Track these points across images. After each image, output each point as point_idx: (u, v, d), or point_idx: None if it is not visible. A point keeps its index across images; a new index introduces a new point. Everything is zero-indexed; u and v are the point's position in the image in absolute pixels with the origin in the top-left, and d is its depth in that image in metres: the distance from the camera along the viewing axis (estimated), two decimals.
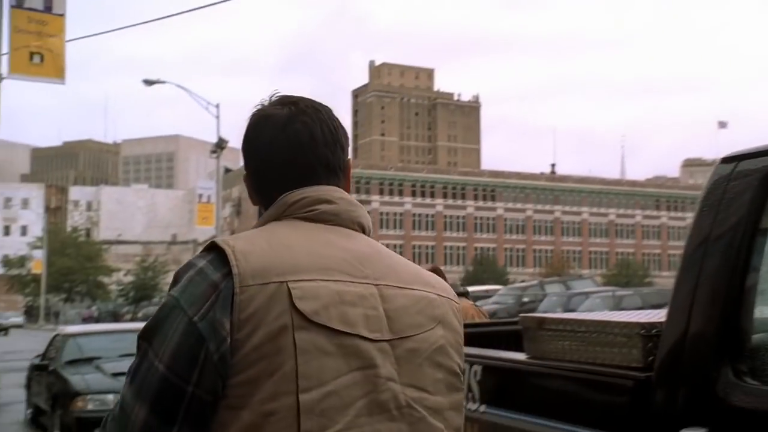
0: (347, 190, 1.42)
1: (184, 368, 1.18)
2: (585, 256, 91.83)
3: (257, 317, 1.18)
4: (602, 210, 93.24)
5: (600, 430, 2.17)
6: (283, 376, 1.16)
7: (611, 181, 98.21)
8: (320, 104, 1.44)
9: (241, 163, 1.50)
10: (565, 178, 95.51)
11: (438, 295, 1.35)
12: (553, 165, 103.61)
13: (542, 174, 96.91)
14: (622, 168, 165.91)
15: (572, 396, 2.40)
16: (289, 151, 1.38)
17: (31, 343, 28.46)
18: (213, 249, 1.26)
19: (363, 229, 1.38)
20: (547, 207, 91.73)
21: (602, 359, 2.28)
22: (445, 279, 3.34)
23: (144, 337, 1.23)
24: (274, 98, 1.44)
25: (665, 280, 69.76)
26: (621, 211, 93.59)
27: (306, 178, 1.37)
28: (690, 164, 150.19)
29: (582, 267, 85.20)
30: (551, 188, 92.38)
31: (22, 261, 69.79)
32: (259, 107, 1.44)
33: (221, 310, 1.18)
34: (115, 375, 8.77)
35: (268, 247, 1.25)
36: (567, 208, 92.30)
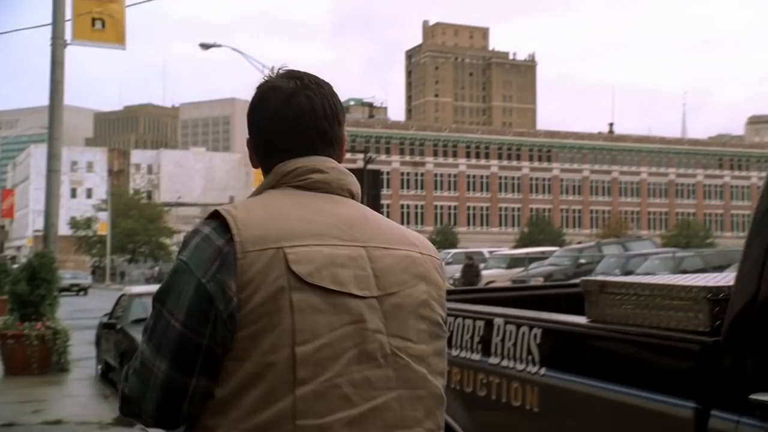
0: (340, 161, 1.54)
1: (198, 325, 1.31)
2: (644, 216, 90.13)
3: (257, 280, 1.31)
4: (662, 170, 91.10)
5: (664, 394, 2.16)
6: (282, 331, 1.30)
7: (672, 140, 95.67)
8: (323, 81, 1.55)
9: None
10: (623, 138, 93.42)
11: (421, 253, 1.47)
12: (611, 124, 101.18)
13: (600, 134, 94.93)
14: (684, 126, 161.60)
15: (635, 360, 2.38)
16: (291, 122, 1.48)
17: (98, 302, 29.47)
18: (216, 217, 1.38)
19: (352, 195, 1.49)
20: (605, 167, 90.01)
21: (666, 323, 2.25)
22: None
23: (158, 298, 1.36)
24: (281, 71, 1.54)
25: (728, 240, 68.09)
26: (682, 171, 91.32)
27: (304, 148, 1.48)
28: (756, 121, 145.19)
29: (641, 228, 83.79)
30: (609, 148, 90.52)
31: (88, 222, 72.03)
32: (267, 79, 1.54)
33: (227, 273, 1.31)
34: None
35: (265, 215, 1.37)
36: (625, 168, 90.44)
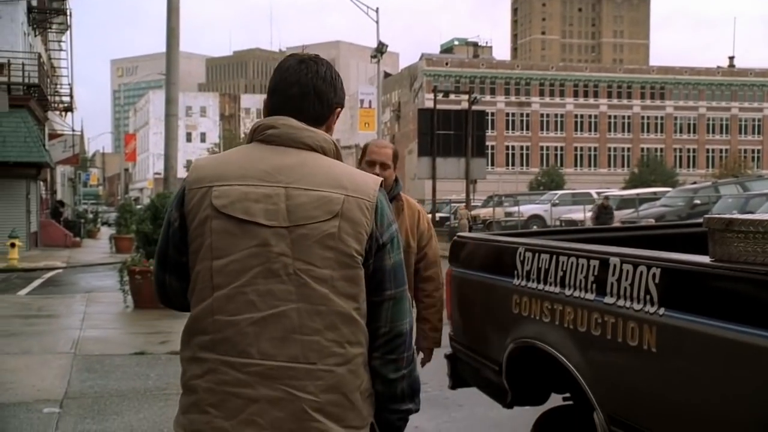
0: (331, 126, 1.90)
1: (164, 240, 1.88)
2: (765, 155, 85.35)
3: (194, 210, 1.77)
4: None
5: None
6: (206, 248, 1.74)
7: None
8: (329, 63, 1.92)
9: (401, 66, 1.65)
10: (744, 72, 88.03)
11: (347, 195, 1.74)
12: (731, 58, 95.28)
13: (718, 68, 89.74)
14: None
15: (763, 301, 2.31)
16: (294, 83, 1.86)
17: None
18: None
19: (311, 148, 1.80)
20: (723, 104, 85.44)
21: None
22: (392, 164, 3.62)
23: None
24: (306, 51, 1.94)
25: None
26: None
27: (296, 108, 1.84)
28: None
29: (761, 167, 79.45)
30: (728, 83, 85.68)
31: None
32: (294, 54, 1.93)
33: (176, 205, 1.82)
34: None
35: (215, 163, 1.83)
36: (746, 104, 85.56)
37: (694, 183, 35.90)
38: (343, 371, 1.71)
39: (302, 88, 1.84)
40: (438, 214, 36.85)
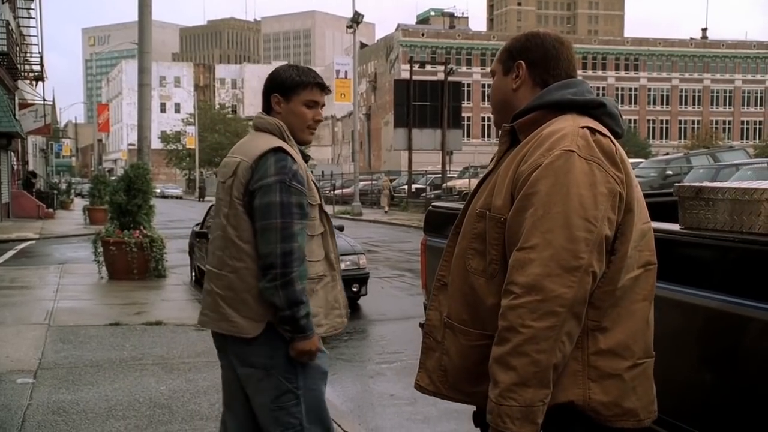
0: (276, 110, 2.71)
1: None
2: (736, 126, 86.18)
3: None
4: (758, 77, 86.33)
5: (764, 302, 2.13)
6: None
7: None
8: (271, 73, 2.83)
9: (377, 37, 1.63)
10: (716, 44, 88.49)
11: (242, 159, 2.60)
12: (704, 29, 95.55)
13: (691, 40, 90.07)
14: None
15: (732, 267, 2.34)
16: None
17: (190, 213, 30.52)
18: None
19: (259, 129, 2.70)
20: (696, 75, 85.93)
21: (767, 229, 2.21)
22: (500, 65, 2.26)
23: None
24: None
25: None
26: None
27: None
28: None
29: (732, 138, 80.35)
30: (701, 55, 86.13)
31: (177, 136, 73.82)
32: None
33: None
34: None
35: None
36: (718, 76, 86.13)
37: (667, 154, 36.17)
38: (233, 277, 2.59)
39: None
40: (414, 185, 36.88)
